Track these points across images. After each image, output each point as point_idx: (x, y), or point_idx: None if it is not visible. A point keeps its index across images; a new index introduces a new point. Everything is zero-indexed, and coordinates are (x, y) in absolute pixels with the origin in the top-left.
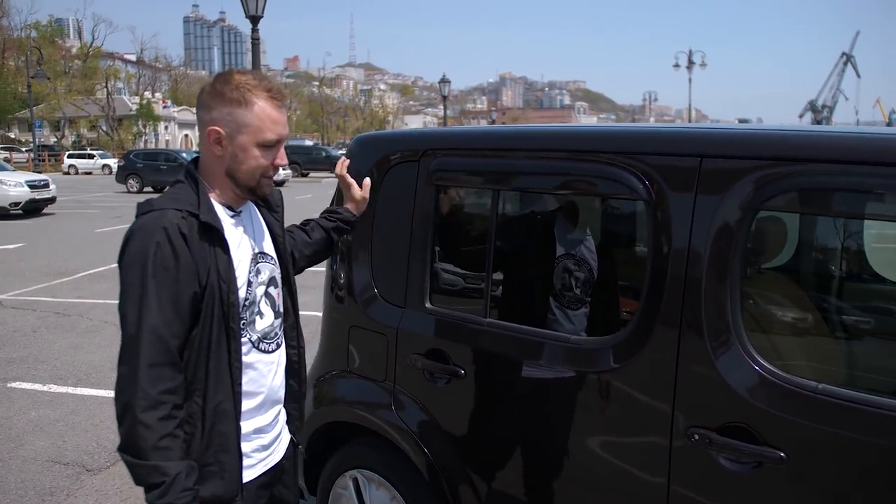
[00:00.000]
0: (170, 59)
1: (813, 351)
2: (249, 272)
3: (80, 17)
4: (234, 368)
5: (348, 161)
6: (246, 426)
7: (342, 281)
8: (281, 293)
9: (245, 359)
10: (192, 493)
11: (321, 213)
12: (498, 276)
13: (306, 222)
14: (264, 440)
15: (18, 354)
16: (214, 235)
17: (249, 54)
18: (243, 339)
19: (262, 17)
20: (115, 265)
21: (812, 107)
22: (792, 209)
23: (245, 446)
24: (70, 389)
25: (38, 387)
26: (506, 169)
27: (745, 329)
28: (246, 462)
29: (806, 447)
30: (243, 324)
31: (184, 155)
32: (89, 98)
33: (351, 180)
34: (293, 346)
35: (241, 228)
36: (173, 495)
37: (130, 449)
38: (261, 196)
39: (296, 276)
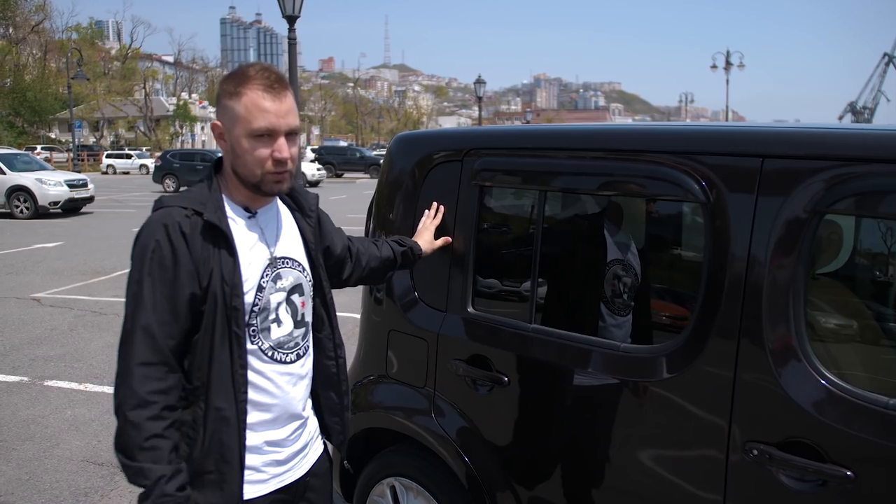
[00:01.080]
0: (207, 61)
1: (879, 364)
2: (262, 277)
3: (120, 20)
4: (238, 375)
5: (441, 211)
6: (255, 438)
7: None
8: (308, 302)
9: (257, 367)
10: (173, 499)
11: (391, 238)
12: (544, 280)
13: (376, 240)
14: (279, 455)
15: (55, 353)
16: (219, 235)
17: (285, 55)
18: (253, 347)
19: (298, 16)
20: None
21: (852, 108)
22: (860, 213)
23: (254, 459)
24: (106, 389)
25: (74, 385)
26: (553, 169)
27: (809, 339)
28: (255, 476)
29: (876, 466)
30: (254, 331)
31: (219, 155)
32: (128, 99)
33: (432, 221)
34: (331, 358)
35: (256, 230)
36: (153, 500)
37: (120, 447)
38: (269, 193)
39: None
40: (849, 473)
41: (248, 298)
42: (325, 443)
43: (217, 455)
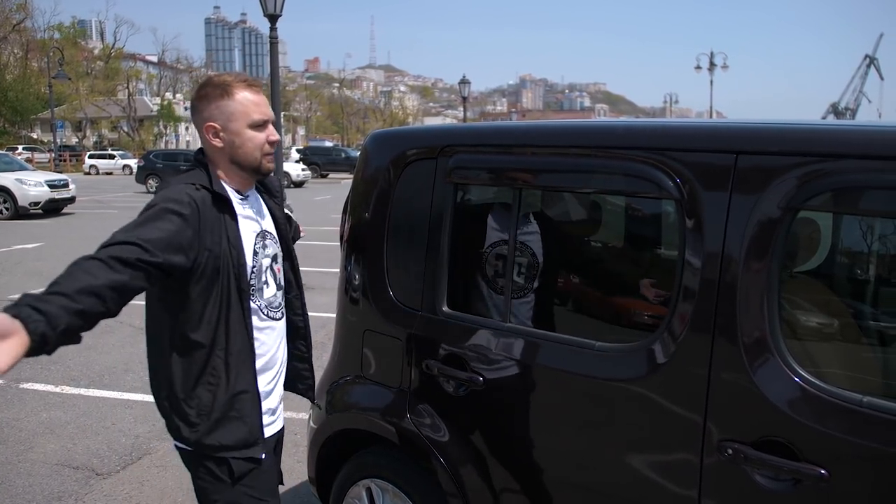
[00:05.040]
0: (191, 61)
1: (853, 361)
2: (255, 243)
3: (103, 19)
4: (249, 326)
5: None
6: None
7: (357, 282)
8: (282, 268)
9: (256, 323)
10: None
11: None
12: (519, 279)
13: None
14: (270, 404)
15: None
16: (224, 205)
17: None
18: (253, 305)
19: (280, 15)
20: None
21: (834, 109)
22: (835, 209)
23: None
24: (82, 391)
25: (50, 388)
26: (528, 166)
27: (783, 337)
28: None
29: (850, 464)
30: (253, 290)
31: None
32: (111, 99)
33: None
34: (298, 314)
35: (247, 208)
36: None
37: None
38: (266, 172)
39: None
40: (823, 472)
41: (248, 260)
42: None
43: (240, 393)
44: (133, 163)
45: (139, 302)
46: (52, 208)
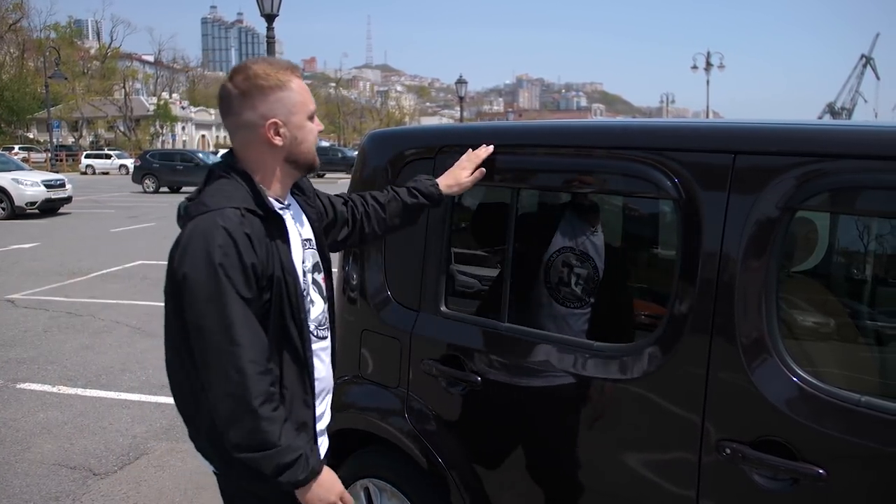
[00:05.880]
0: (187, 60)
1: (851, 361)
2: (303, 262)
3: (99, 19)
4: (308, 358)
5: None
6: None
7: (354, 282)
8: (325, 277)
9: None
10: (318, 459)
11: (406, 186)
12: (517, 278)
13: (386, 192)
14: (322, 425)
15: (29, 355)
16: (277, 228)
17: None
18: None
19: (277, 15)
20: (129, 265)
21: (831, 109)
22: (833, 209)
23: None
24: (79, 391)
25: (47, 388)
26: (526, 166)
27: (781, 337)
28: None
29: (847, 464)
30: (305, 314)
31: (200, 155)
32: (107, 99)
33: (469, 158)
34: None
35: (290, 220)
36: (312, 462)
37: (255, 445)
38: (317, 169)
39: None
40: (820, 472)
41: (302, 285)
42: None
43: (297, 432)
44: (130, 162)
45: (137, 302)
46: (49, 208)
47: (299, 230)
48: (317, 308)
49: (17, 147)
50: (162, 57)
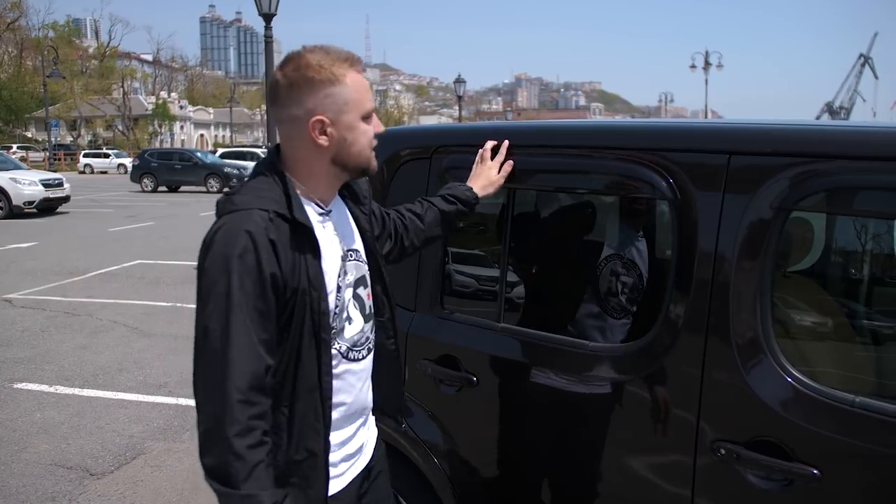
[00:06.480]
0: (186, 60)
1: (846, 361)
2: (339, 276)
3: (97, 17)
4: (325, 382)
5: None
6: (334, 437)
7: None
8: (371, 293)
9: (336, 371)
10: None
11: (439, 194)
12: (513, 278)
13: (420, 203)
14: (350, 449)
15: (26, 355)
16: (305, 238)
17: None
18: (334, 351)
19: (275, 14)
20: (127, 265)
21: (829, 108)
22: (827, 210)
23: (331, 457)
24: (76, 391)
25: (44, 388)
26: (520, 166)
27: (776, 337)
28: (333, 472)
29: (842, 464)
30: (334, 333)
31: (198, 154)
32: (105, 98)
33: (488, 157)
34: (390, 337)
35: (329, 227)
36: None
37: (220, 476)
38: (373, 172)
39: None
40: (815, 472)
41: (331, 301)
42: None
43: (304, 462)
44: (128, 162)
45: (135, 301)
46: (47, 207)
47: (340, 240)
48: (354, 327)
49: (15, 146)
50: (160, 56)
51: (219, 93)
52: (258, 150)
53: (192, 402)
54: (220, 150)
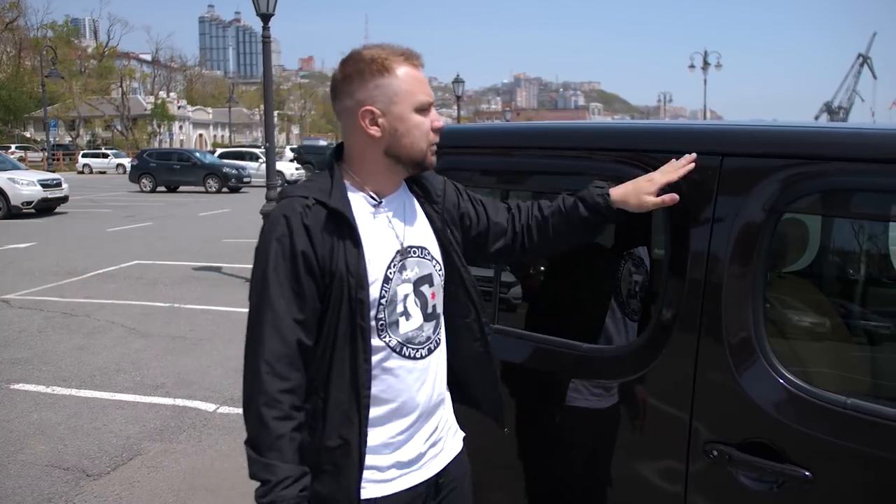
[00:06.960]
0: (185, 59)
1: (839, 362)
2: (389, 267)
3: (96, 17)
4: (362, 369)
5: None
6: (378, 435)
7: None
8: (439, 293)
9: (385, 363)
10: (294, 501)
11: (576, 194)
12: (508, 278)
13: (552, 203)
14: (402, 457)
15: (23, 355)
16: (344, 224)
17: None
18: (380, 343)
19: (273, 14)
20: (126, 265)
21: (828, 108)
22: (820, 212)
23: (377, 459)
24: (73, 392)
25: (41, 388)
26: (515, 168)
27: (768, 338)
28: (378, 475)
29: (834, 466)
30: (382, 324)
31: (197, 154)
32: (104, 98)
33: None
34: (478, 339)
35: (383, 219)
36: (273, 496)
37: (250, 441)
38: (429, 167)
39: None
40: (807, 473)
41: (374, 291)
42: (463, 443)
43: (337, 448)
44: (127, 162)
45: (133, 302)
46: (45, 208)
47: (398, 233)
48: (411, 323)
49: (13, 146)
50: (159, 56)
51: (218, 93)
52: (257, 150)
53: (188, 404)
54: (219, 150)
